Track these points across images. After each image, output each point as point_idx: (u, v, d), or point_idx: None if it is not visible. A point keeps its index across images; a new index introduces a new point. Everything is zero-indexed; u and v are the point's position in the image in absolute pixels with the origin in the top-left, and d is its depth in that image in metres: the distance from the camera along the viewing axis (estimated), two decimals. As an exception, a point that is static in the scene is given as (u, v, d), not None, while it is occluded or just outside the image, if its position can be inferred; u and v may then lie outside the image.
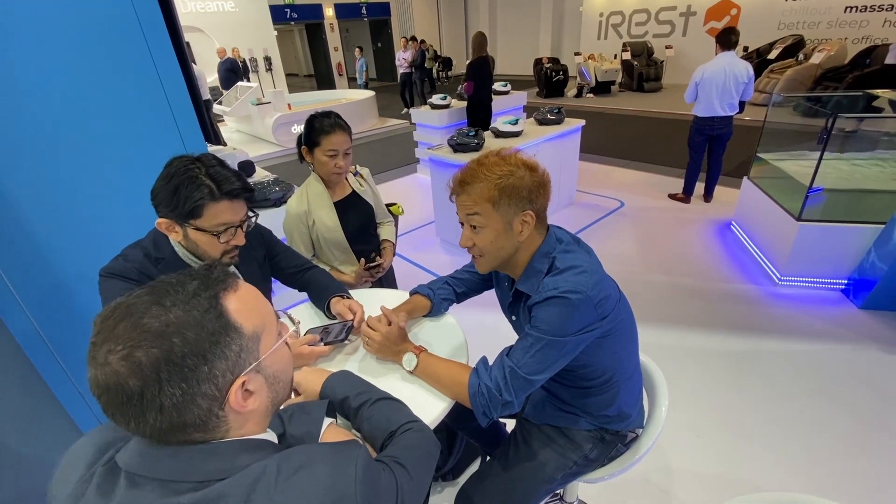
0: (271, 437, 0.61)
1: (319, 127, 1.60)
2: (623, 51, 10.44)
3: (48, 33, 1.63)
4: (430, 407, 0.98)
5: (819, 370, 2.24)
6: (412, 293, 1.36)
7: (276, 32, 11.54)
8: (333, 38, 14.05)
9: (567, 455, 1.13)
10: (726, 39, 3.70)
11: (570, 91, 10.46)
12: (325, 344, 1.13)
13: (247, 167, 3.14)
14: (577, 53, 10.71)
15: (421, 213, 4.37)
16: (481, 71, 4.77)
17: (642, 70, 10.17)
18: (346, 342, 1.17)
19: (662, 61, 10.45)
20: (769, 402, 2.08)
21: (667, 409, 1.16)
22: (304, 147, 1.67)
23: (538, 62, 10.57)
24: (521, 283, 1.02)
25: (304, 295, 1.49)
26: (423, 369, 1.06)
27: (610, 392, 1.11)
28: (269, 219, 2.45)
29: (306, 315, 1.38)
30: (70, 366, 1.83)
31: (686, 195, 4.32)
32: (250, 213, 1.13)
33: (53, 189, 1.74)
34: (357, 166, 1.89)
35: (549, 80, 10.23)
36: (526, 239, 0.99)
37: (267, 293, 1.39)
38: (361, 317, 1.23)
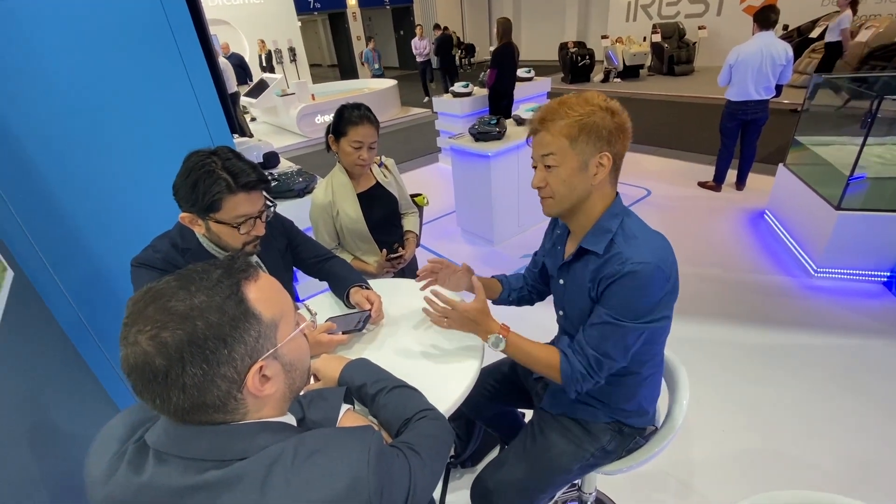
0: (290, 420, 0.64)
1: (348, 117, 1.62)
2: (653, 33, 10.05)
3: (81, 32, 1.70)
4: (445, 396, 0.99)
5: (855, 366, 2.15)
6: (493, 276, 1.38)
7: (299, 23, 11.62)
8: (356, 28, 14.04)
9: (584, 446, 1.13)
10: (765, 18, 3.51)
11: (597, 76, 10.18)
12: (344, 333, 1.15)
13: (271, 158, 3.20)
14: (604, 37, 10.39)
15: (442, 203, 4.36)
16: (505, 59, 4.68)
17: (673, 52, 9.79)
18: (364, 331, 1.20)
19: (695, 43, 10.02)
20: (799, 398, 2.01)
21: (688, 403, 1.14)
22: (331, 136, 1.69)
23: (563, 47, 10.30)
24: (588, 241, 0.99)
25: (326, 284, 1.52)
26: (513, 352, 1.08)
27: (631, 386, 1.10)
28: (293, 209, 2.51)
29: (327, 304, 1.42)
30: (108, 348, 1.94)
31: (717, 183, 4.17)
32: (268, 203, 1.15)
33: (90, 184, 1.82)
34: (382, 157, 1.90)
35: (575, 65, 9.98)
36: (599, 185, 0.97)
37: (289, 283, 1.43)
38: (378, 307, 1.25)
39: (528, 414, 1.43)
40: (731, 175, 4.16)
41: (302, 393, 0.86)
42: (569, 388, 1.02)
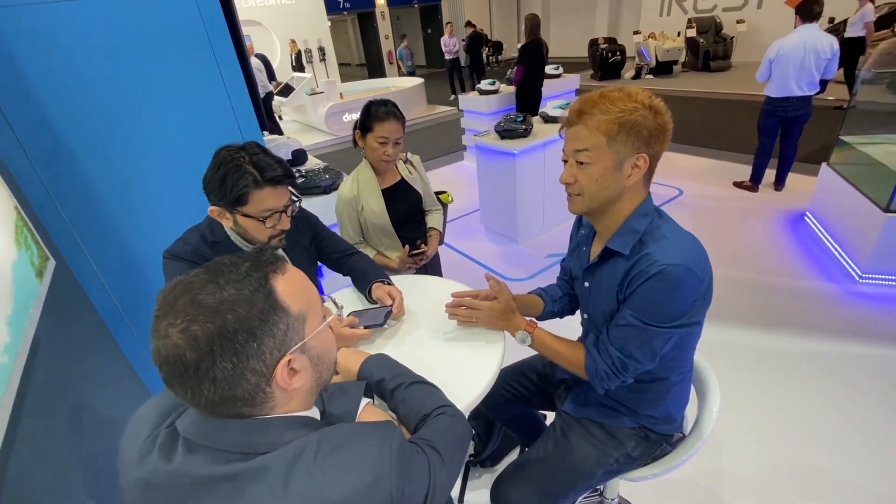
0: (315, 414, 0.64)
1: (374, 113, 1.63)
2: (688, 27, 9.73)
3: (123, 35, 1.77)
4: (464, 393, 0.98)
5: (902, 378, 2.02)
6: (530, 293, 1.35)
7: (329, 23, 11.79)
8: (384, 27, 14.14)
9: (608, 452, 1.10)
10: (808, 10, 3.34)
11: (628, 72, 9.93)
12: (365, 327, 1.16)
13: (299, 155, 3.26)
14: (636, 32, 10.11)
15: (466, 201, 4.35)
16: (533, 55, 4.61)
17: (709, 48, 9.45)
18: (385, 326, 1.20)
19: (732, 37, 9.64)
20: (840, 410, 1.91)
21: (718, 411, 1.09)
22: (357, 131, 1.71)
23: (593, 43, 10.10)
24: (614, 242, 0.95)
25: (350, 279, 1.53)
26: (539, 348, 1.10)
27: (659, 392, 1.06)
28: (320, 205, 2.54)
29: (349, 299, 1.43)
30: (141, 334, 2.02)
31: (754, 183, 3.99)
32: (294, 198, 1.17)
33: (127, 179, 1.90)
34: (408, 154, 1.91)
35: (605, 61, 9.76)
36: (632, 187, 0.92)
37: (313, 277, 1.45)
38: (400, 303, 1.25)
39: (551, 417, 1.40)
40: (769, 175, 3.98)
41: None
42: (596, 386, 1.01)
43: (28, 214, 1.46)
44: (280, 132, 6.86)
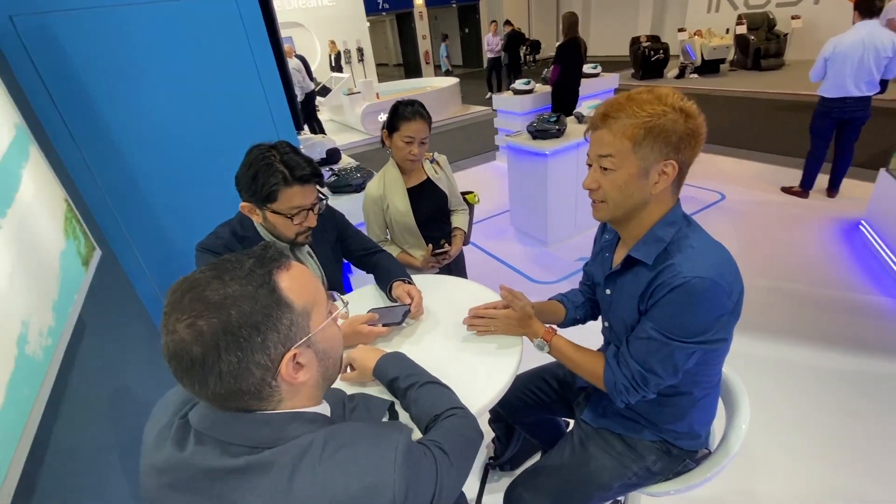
0: (325, 410, 0.65)
1: (402, 113, 1.65)
2: (738, 24, 9.27)
3: (170, 36, 1.87)
4: (480, 395, 0.98)
5: (966, 404, 1.85)
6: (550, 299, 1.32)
7: (368, 24, 11.99)
8: (422, 27, 14.24)
9: (627, 464, 1.06)
10: (867, 6, 3.11)
11: (671, 71, 9.57)
12: (384, 325, 1.17)
13: (333, 154, 3.34)
14: (680, 30, 9.74)
15: (496, 202, 4.32)
16: (570, 54, 4.51)
17: (760, 45, 8.97)
18: (404, 325, 1.21)
19: (786, 34, 9.10)
20: (886, 432, 1.77)
21: (747, 428, 1.03)
22: (384, 131, 1.73)
23: (635, 41, 9.79)
24: (637, 250, 0.91)
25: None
26: (556, 356, 1.09)
27: (682, 407, 1.01)
28: (350, 203, 2.59)
29: (371, 296, 1.45)
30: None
31: (804, 189, 3.76)
32: (321, 197, 1.20)
33: (168, 174, 2.01)
34: (435, 153, 1.92)
35: (647, 59, 9.44)
36: (659, 194, 0.88)
37: (338, 273, 1.48)
38: (419, 302, 1.26)
39: (571, 424, 1.38)
40: (822, 181, 3.74)
41: (350, 394, 0.89)
42: (614, 399, 0.98)
43: (79, 206, 1.57)
44: (323, 131, 7.05)
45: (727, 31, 9.81)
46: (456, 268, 2.00)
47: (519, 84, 5.13)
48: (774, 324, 2.42)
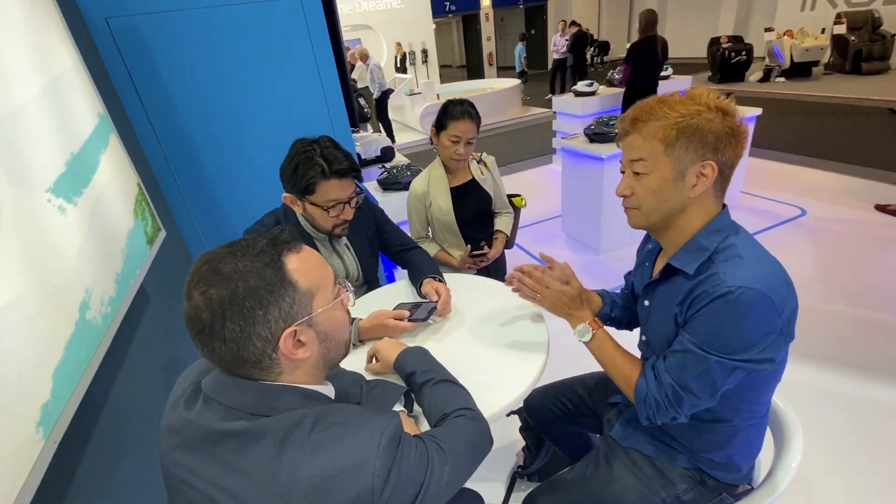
0: (326, 391, 0.67)
1: (450, 112, 1.66)
2: (836, 23, 8.38)
3: (241, 35, 2.02)
4: (495, 400, 0.96)
5: None
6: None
7: (434, 25, 12.18)
8: (487, 28, 14.24)
9: (654, 489, 0.99)
10: None
11: (754, 74, 8.84)
12: (410, 321, 1.18)
13: (387, 152, 3.43)
14: (768, 29, 8.97)
15: (548, 206, 4.21)
16: (644, 54, 4.23)
17: (862, 47, 8.04)
18: (430, 322, 1.21)
19: (894, 35, 8.10)
20: None
21: (798, 466, 0.93)
22: (433, 129, 1.75)
23: (714, 42, 9.16)
24: (677, 259, 0.85)
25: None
26: (596, 349, 0.99)
27: (722, 435, 0.93)
28: (399, 200, 2.65)
29: (403, 291, 1.46)
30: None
31: (903, 207, 3.33)
32: (358, 191, 1.23)
33: (231, 163, 2.16)
34: (483, 154, 1.90)
35: (727, 61, 8.79)
36: (698, 198, 0.82)
37: (374, 266, 1.51)
38: (446, 300, 1.25)
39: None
40: (927, 199, 3.29)
41: (369, 378, 0.91)
42: (640, 412, 0.90)
43: (152, 190, 1.73)
44: (391, 130, 7.27)
45: (822, 30, 8.91)
46: (495, 271, 1.97)
47: (581, 86, 4.97)
48: (855, 356, 2.15)
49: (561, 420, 1.33)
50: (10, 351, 0.70)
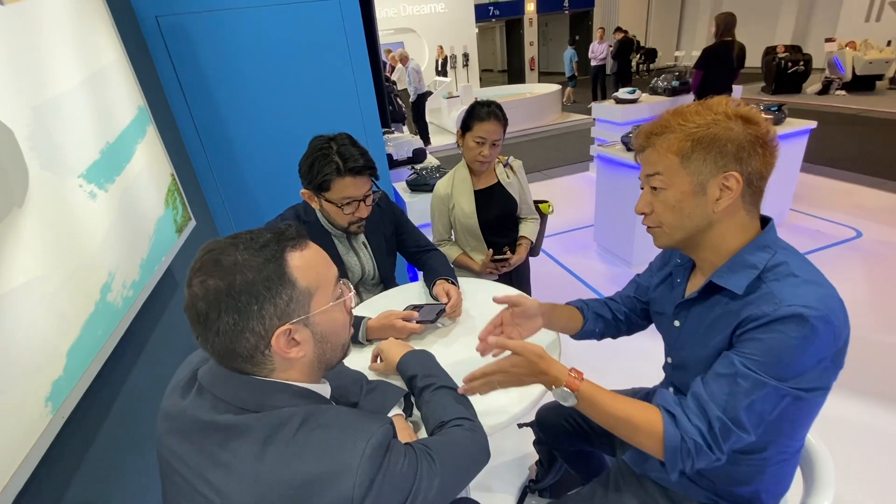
0: (321, 390, 0.66)
1: (477, 113, 1.64)
2: (907, 34, 7.80)
3: (283, 37, 2.09)
4: (497, 411, 0.92)
5: None
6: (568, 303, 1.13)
7: (476, 30, 12.21)
8: (531, 33, 14.14)
9: (665, 522, 0.92)
10: None
11: (812, 86, 8.35)
12: (418, 322, 1.16)
13: (419, 154, 3.43)
14: (829, 40, 8.45)
15: (581, 215, 4.10)
16: (717, 58, 3.98)
17: (936, 59, 7.44)
18: (439, 325, 1.18)
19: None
20: None
21: (830, 509, 0.84)
22: (459, 130, 1.73)
23: (769, 51, 8.71)
24: (721, 276, 0.77)
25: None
26: (587, 407, 0.79)
27: (753, 468, 0.85)
28: (426, 202, 2.65)
29: (416, 292, 1.45)
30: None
31: (976, 234, 3.03)
32: (375, 189, 1.22)
33: (265, 160, 2.23)
34: (510, 158, 1.87)
35: (783, 72, 8.34)
36: (727, 212, 0.76)
37: (391, 265, 1.51)
38: (455, 303, 1.23)
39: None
40: None
41: (371, 378, 0.90)
42: (672, 466, 0.73)
43: (188, 181, 1.79)
44: (427, 132, 7.32)
45: (888, 43, 8.30)
46: (517, 278, 1.93)
47: (623, 93, 4.84)
48: (908, 394, 1.97)
49: (572, 437, 1.27)
50: (28, 326, 0.73)
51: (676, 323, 0.91)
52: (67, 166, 0.93)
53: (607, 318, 1.11)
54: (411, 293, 1.42)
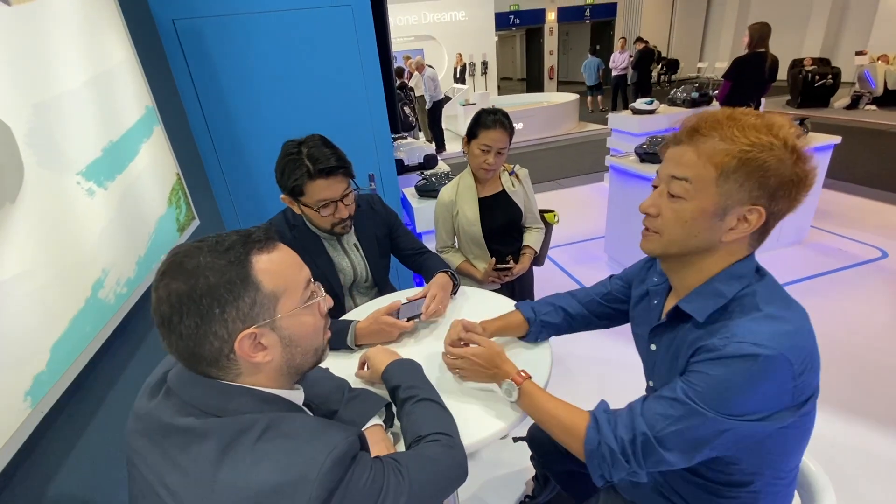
0: (292, 397, 0.64)
1: (483, 121, 1.62)
2: (943, 48, 7.53)
3: (292, 40, 2.11)
4: (481, 425, 0.89)
5: None
6: (516, 307, 1.18)
7: (496, 38, 12.24)
8: (551, 42, 14.12)
9: (654, 551, 0.88)
10: None
11: (840, 100, 8.10)
12: (408, 319, 1.14)
13: (430, 160, 3.43)
14: (859, 53, 8.22)
15: (592, 225, 4.04)
16: (748, 70, 3.86)
17: (974, 75, 7.16)
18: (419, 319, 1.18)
19: None
20: None
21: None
22: (464, 137, 1.72)
23: (795, 64, 8.51)
24: (688, 302, 0.75)
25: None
26: (527, 404, 0.87)
27: (743, 501, 0.81)
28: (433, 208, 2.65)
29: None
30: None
31: None
32: (355, 186, 1.22)
33: (275, 159, 2.25)
34: (516, 166, 1.85)
35: (810, 85, 8.11)
36: (731, 243, 0.72)
37: (385, 268, 1.50)
38: (436, 297, 1.22)
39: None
40: None
41: (354, 387, 0.88)
42: (592, 469, 0.75)
43: (199, 181, 1.82)
44: (442, 139, 7.35)
45: (926, 55, 8.02)
46: (520, 288, 1.90)
47: (640, 103, 4.77)
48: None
49: (563, 457, 1.22)
50: (12, 320, 0.73)
51: (653, 346, 0.88)
52: (66, 163, 0.95)
53: (557, 324, 1.11)
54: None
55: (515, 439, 1.42)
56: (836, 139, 3.24)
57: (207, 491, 0.51)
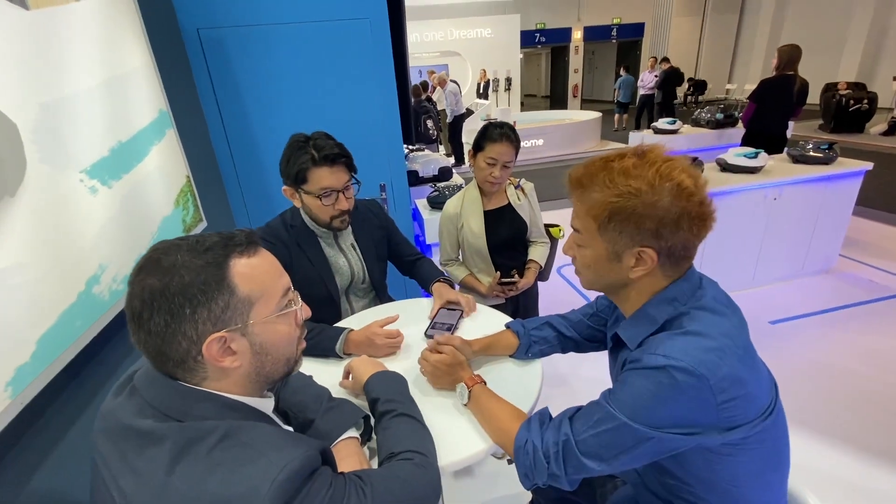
0: (260, 404, 0.63)
1: (489, 134, 1.62)
2: None
3: (310, 51, 2.16)
4: (461, 446, 0.86)
5: None
6: (506, 326, 1.17)
7: (521, 55, 12.32)
8: (576, 61, 14.13)
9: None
10: None
11: (875, 126, 7.83)
12: (444, 330, 1.20)
13: (444, 172, 3.44)
14: (898, 77, 7.95)
15: (610, 244, 3.96)
16: (774, 93, 3.74)
17: None
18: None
19: None
20: None
21: None
22: (470, 150, 1.72)
23: (829, 88, 8.29)
24: (623, 329, 0.78)
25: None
26: (474, 404, 0.92)
27: None
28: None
29: (421, 308, 1.41)
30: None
31: None
32: (355, 180, 1.26)
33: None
34: (522, 180, 1.83)
35: (844, 110, 7.87)
36: (641, 279, 0.74)
37: (382, 271, 1.51)
38: (469, 302, 1.32)
39: None
40: None
41: (335, 396, 0.86)
42: (518, 468, 0.78)
43: (214, 184, 1.85)
44: (461, 152, 7.42)
45: (971, 82, 7.70)
46: (525, 302, 1.86)
47: (662, 122, 4.72)
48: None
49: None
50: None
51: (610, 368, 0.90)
52: (70, 161, 0.97)
53: (549, 340, 1.10)
54: (423, 307, 1.39)
55: (510, 461, 1.37)
56: (868, 165, 3.10)
57: (158, 497, 0.50)
